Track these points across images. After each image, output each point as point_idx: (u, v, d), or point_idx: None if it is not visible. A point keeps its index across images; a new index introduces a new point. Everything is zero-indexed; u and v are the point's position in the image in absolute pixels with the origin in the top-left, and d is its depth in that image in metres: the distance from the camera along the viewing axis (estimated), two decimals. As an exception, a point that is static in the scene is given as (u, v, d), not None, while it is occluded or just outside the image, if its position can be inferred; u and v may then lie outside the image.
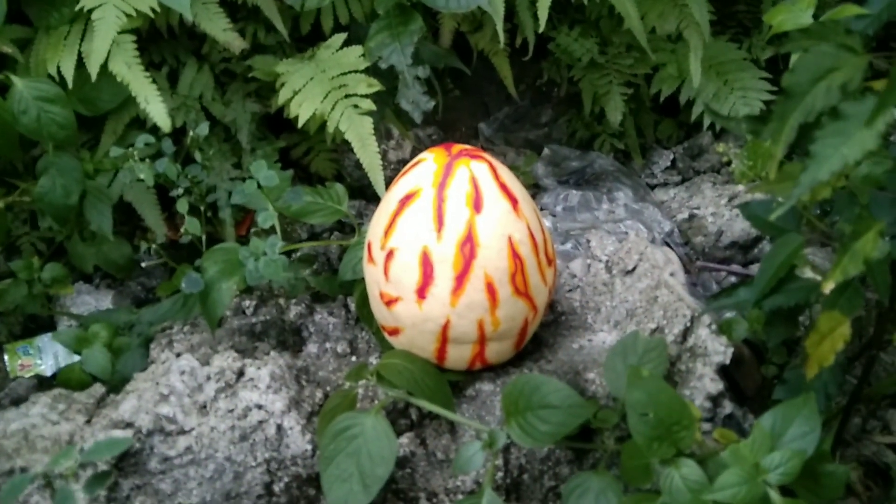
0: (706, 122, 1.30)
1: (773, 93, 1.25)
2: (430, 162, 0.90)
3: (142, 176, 0.98)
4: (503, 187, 0.89)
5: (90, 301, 1.20)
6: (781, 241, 0.79)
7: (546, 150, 1.46)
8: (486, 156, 0.91)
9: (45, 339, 1.16)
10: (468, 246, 0.87)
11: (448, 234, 0.87)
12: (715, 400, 0.88)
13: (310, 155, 1.32)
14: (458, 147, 0.91)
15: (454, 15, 1.27)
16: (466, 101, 1.49)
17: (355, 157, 1.37)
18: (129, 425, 0.90)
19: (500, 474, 0.90)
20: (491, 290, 0.88)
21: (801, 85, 0.62)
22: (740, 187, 1.29)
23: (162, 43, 1.19)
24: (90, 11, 1.01)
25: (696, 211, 1.30)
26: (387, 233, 0.90)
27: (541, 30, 1.14)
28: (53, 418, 0.91)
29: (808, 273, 0.78)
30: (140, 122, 1.15)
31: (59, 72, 1.05)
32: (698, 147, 1.47)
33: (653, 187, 1.43)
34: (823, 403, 0.80)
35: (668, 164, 1.45)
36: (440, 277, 0.87)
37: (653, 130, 1.47)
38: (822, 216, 0.81)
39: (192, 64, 1.21)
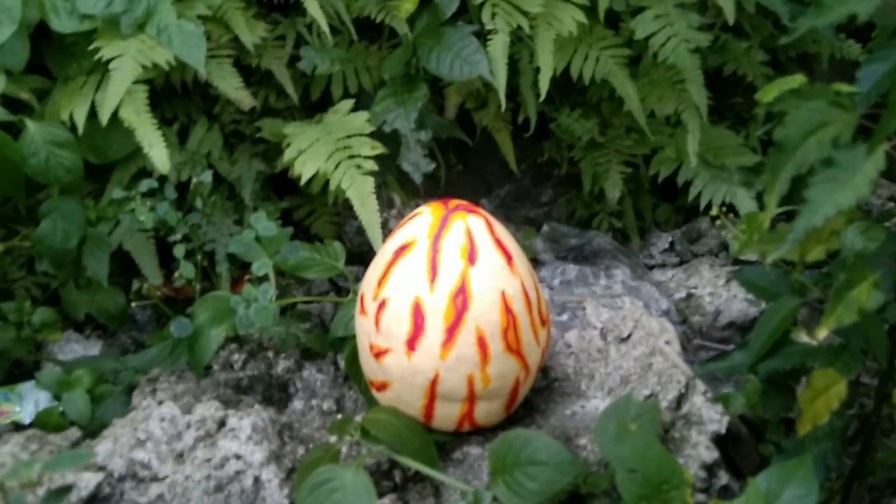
0: (703, 203, 1.32)
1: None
2: (426, 214, 0.91)
3: (142, 218, 0.98)
4: (498, 242, 0.90)
5: (78, 350, 1.19)
6: (776, 305, 0.78)
7: (545, 227, 1.47)
8: (483, 211, 0.92)
9: (27, 387, 1.13)
10: (461, 298, 0.86)
11: (441, 285, 0.86)
12: (710, 469, 0.85)
13: (311, 217, 1.33)
14: (455, 202, 0.92)
15: (459, 90, 1.31)
16: (469, 177, 1.52)
17: (357, 223, 1.38)
18: (100, 469, 0.87)
19: (484, 542, 0.86)
20: (482, 344, 0.87)
21: (793, 139, 0.63)
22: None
23: (175, 100, 1.23)
24: (108, 62, 1.04)
25: (693, 290, 1.30)
26: (380, 283, 0.90)
27: (542, 97, 1.18)
28: (23, 458, 0.88)
29: (803, 337, 0.77)
30: (146, 174, 1.17)
31: (71, 119, 1.08)
32: (696, 231, 1.48)
33: (651, 268, 1.43)
34: (823, 475, 0.77)
35: (667, 246, 1.45)
36: (431, 329, 0.86)
37: (651, 213, 1.49)
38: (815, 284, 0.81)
39: (202, 123, 1.24)
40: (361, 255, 1.35)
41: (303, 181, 1.13)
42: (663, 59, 1.24)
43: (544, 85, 1.16)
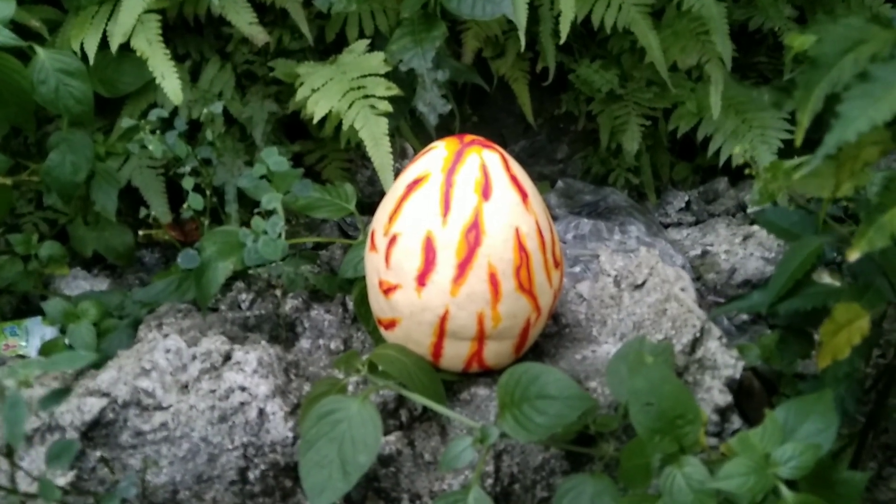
0: (723, 158, 1.29)
1: (792, 132, 1.24)
2: (441, 149, 0.88)
3: (151, 147, 0.97)
4: (514, 179, 0.87)
5: (85, 287, 1.18)
6: (799, 244, 0.76)
7: (560, 183, 1.45)
8: (498, 147, 0.90)
9: (33, 322, 1.13)
10: (473, 233, 0.84)
11: (454, 220, 0.84)
12: (723, 414, 0.83)
13: (323, 163, 1.31)
14: (470, 137, 0.90)
15: (477, 35, 1.28)
16: (484, 130, 1.49)
17: (368, 172, 1.36)
18: (104, 395, 0.86)
19: (490, 481, 0.85)
20: (494, 281, 0.85)
21: (829, 56, 0.60)
22: (755, 227, 1.26)
23: (188, 37, 1.20)
24: (120, -10, 1.02)
25: (709, 248, 1.27)
26: (391, 218, 0.88)
27: (562, 41, 1.15)
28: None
29: (825, 279, 0.75)
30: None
31: (82, 50, 1.06)
32: (714, 192, 1.45)
33: (666, 226, 1.41)
34: (840, 421, 0.75)
35: (683, 205, 1.43)
36: (442, 264, 0.84)
37: (668, 171, 1.46)
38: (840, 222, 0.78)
39: (215, 61, 1.22)
40: (372, 206, 1.32)
41: (315, 120, 1.11)
42: (688, 8, 1.20)
43: (565, 28, 1.13)
